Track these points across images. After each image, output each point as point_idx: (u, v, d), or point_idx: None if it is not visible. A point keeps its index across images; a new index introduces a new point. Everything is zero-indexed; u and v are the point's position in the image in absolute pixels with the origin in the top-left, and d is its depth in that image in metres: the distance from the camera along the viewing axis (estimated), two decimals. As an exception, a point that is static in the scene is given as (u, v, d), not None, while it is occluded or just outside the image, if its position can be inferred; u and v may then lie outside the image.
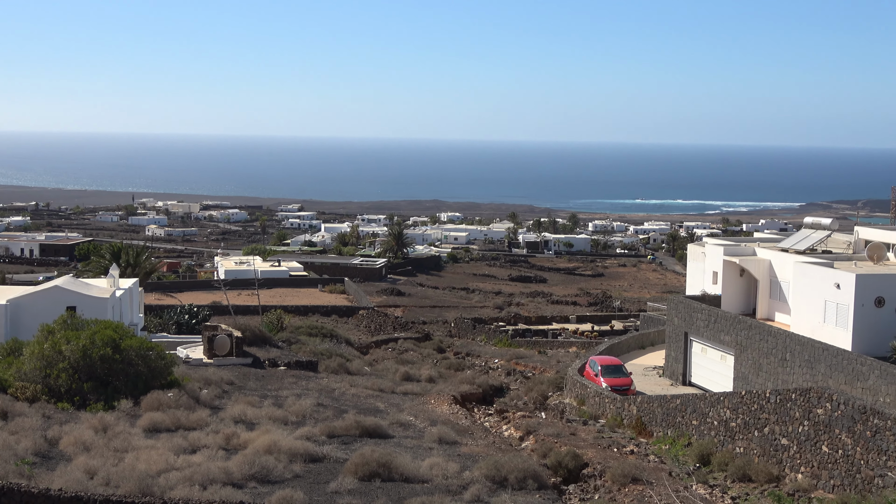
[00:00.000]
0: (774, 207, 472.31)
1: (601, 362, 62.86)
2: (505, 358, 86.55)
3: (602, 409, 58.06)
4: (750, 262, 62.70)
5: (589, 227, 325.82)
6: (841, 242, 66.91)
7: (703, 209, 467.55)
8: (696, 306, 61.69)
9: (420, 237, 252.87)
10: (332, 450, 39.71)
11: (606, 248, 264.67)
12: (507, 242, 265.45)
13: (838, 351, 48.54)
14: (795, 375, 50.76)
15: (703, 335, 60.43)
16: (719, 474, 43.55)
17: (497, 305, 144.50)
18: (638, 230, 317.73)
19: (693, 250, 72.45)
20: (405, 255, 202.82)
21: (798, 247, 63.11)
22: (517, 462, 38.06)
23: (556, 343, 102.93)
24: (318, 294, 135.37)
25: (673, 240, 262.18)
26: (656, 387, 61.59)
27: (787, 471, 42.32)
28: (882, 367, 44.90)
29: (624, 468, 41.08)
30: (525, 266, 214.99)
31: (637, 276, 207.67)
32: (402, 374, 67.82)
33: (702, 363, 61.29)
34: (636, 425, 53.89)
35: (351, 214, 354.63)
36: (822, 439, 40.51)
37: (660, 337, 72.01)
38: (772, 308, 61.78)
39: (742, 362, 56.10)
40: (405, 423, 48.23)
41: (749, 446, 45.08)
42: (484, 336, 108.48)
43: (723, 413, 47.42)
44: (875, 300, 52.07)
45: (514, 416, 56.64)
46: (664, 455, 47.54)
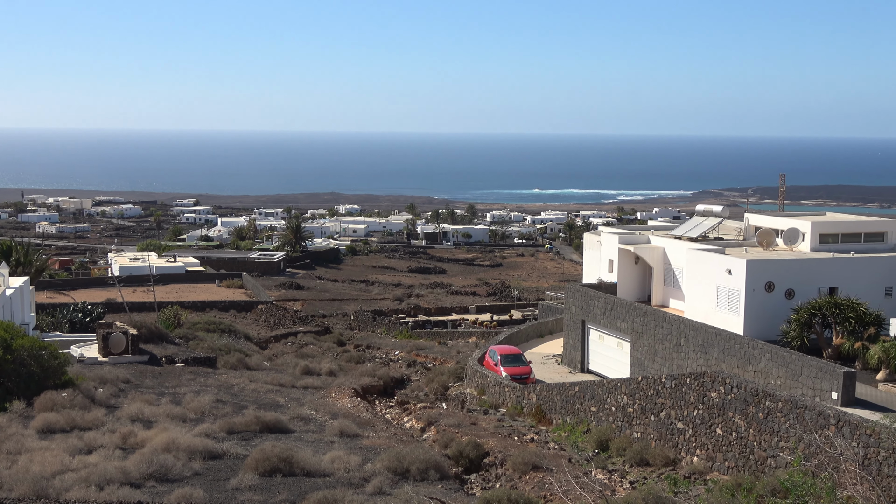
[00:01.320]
0: (668, 196, 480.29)
1: (501, 352, 63.27)
2: (405, 350, 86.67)
3: (502, 399, 58.48)
4: (644, 249, 63.71)
5: (487, 218, 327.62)
6: (732, 229, 68.36)
7: (598, 198, 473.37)
8: (593, 294, 62.47)
9: (318, 230, 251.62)
10: (232, 446, 39.32)
11: (505, 238, 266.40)
12: (406, 234, 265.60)
13: (731, 335, 49.60)
14: (690, 360, 51.76)
15: (600, 323, 61.24)
16: (618, 459, 44.22)
17: (397, 297, 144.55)
18: (535, 220, 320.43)
19: (589, 239, 73.33)
20: (304, 248, 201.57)
21: (690, 234, 64.31)
22: (419, 453, 38.12)
23: (457, 334, 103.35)
24: (215, 289, 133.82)
25: (570, 229, 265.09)
26: (555, 375, 62.24)
27: (684, 454, 43.17)
28: (773, 351, 46.02)
29: (524, 456, 41.46)
30: (424, 257, 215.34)
31: (535, 265, 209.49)
32: (302, 368, 67.43)
33: (599, 350, 62.11)
34: (536, 413, 54.42)
35: (248, 208, 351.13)
36: (717, 422, 41.40)
37: (558, 325, 72.79)
38: (666, 294, 62.88)
39: (638, 348, 57.00)
40: (306, 417, 47.97)
41: (646, 431, 45.86)
42: (384, 328, 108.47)
43: (620, 399, 48.16)
44: (765, 285, 53.34)
45: (416, 407, 56.76)
46: (564, 442, 48.10)
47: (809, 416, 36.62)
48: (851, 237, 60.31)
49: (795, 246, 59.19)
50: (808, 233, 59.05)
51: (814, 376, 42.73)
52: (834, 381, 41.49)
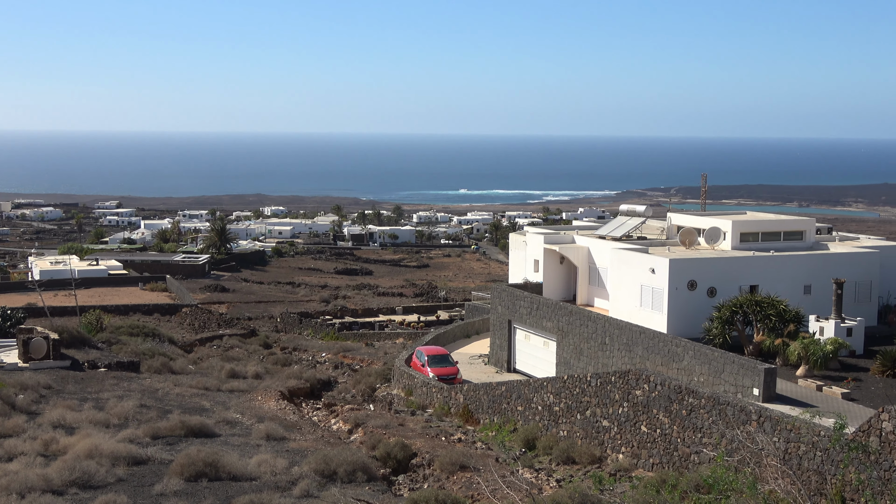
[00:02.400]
0: (593, 196, 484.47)
1: (428, 352, 63.33)
2: (332, 351, 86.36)
3: (430, 399, 58.55)
4: (569, 249, 64.19)
5: (413, 219, 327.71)
6: (655, 229, 69.17)
7: (524, 199, 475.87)
8: (519, 294, 62.79)
9: (244, 232, 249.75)
10: (157, 451, 38.91)
11: (431, 238, 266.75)
12: (333, 235, 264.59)
13: (654, 333, 50.18)
14: (615, 359, 52.27)
15: (527, 322, 61.58)
16: (544, 458, 44.52)
17: (323, 299, 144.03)
18: (462, 221, 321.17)
19: (515, 239, 73.68)
20: (229, 250, 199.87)
21: (615, 234, 64.93)
22: (346, 455, 38.07)
23: (384, 335, 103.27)
24: (139, 293, 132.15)
25: (496, 229, 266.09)
26: (482, 375, 62.43)
27: (609, 451, 43.61)
28: (696, 348, 46.65)
29: (452, 456, 41.57)
30: (351, 259, 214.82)
31: (462, 265, 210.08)
32: (227, 371, 66.88)
33: (526, 350, 62.42)
34: (463, 413, 54.57)
35: (172, 210, 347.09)
36: (641, 419, 41.89)
37: (485, 325, 73.04)
38: (591, 294, 63.43)
39: (564, 348, 57.41)
40: (232, 420, 47.64)
41: (572, 429, 46.24)
42: (311, 330, 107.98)
43: (546, 398, 48.49)
44: (688, 283, 54.06)
45: (343, 409, 56.60)
46: (491, 441, 48.28)
47: (732, 413, 37.20)
48: (771, 236, 61.37)
49: (717, 245, 60.07)
50: (729, 232, 59.95)
51: (736, 373, 43.41)
52: (755, 377, 42.18)
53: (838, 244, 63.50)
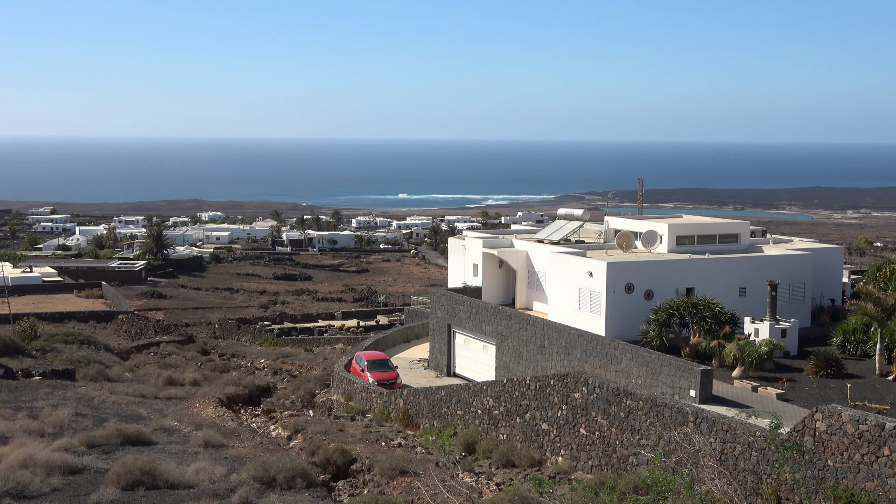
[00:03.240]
0: (532, 200, 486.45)
1: (367, 357, 63.23)
2: (271, 357, 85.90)
3: (369, 404, 58.43)
4: (508, 253, 64.43)
5: (353, 224, 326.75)
6: (593, 232, 69.65)
7: (463, 203, 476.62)
8: (458, 298, 62.89)
9: (181, 238, 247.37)
10: (93, 460, 38.35)
11: (370, 243, 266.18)
12: (271, 241, 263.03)
13: (593, 336, 50.52)
14: (554, 362, 52.54)
15: (466, 326, 61.69)
16: (484, 461, 44.61)
17: (262, 305, 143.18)
18: (401, 225, 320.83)
19: (454, 244, 73.79)
20: (166, 256, 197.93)
21: (553, 237, 65.28)
22: (285, 461, 37.83)
23: (323, 340, 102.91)
24: (74, 300, 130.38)
25: (435, 234, 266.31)
26: (422, 379, 62.44)
27: (549, 454, 43.81)
28: (633, 351, 47.05)
29: (392, 461, 41.50)
30: (290, 264, 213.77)
31: (401, 270, 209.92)
32: (164, 378, 66.21)
33: (465, 354, 62.54)
34: (403, 418, 54.53)
35: (107, 216, 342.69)
36: (580, 422, 42.14)
37: (424, 330, 73.07)
38: (530, 297, 63.70)
39: (503, 351, 57.59)
40: (169, 428, 47.12)
41: (512, 433, 46.39)
42: (249, 336, 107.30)
43: (486, 402, 48.61)
44: (625, 286, 54.52)
45: (282, 415, 56.28)
46: (431, 446, 48.29)
47: (669, 414, 37.55)
48: (707, 239, 62.08)
49: (654, 248, 60.63)
50: (665, 235, 60.56)
51: (673, 375, 43.83)
52: (692, 378, 42.63)
53: (772, 246, 64.43)
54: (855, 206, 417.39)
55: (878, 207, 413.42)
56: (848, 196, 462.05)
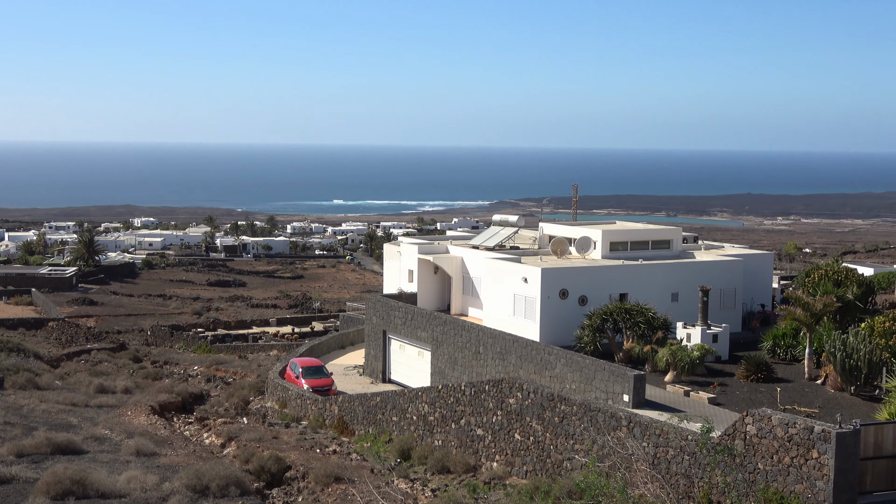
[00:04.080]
0: (467, 206, 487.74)
1: (302, 364, 62.94)
2: (205, 364, 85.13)
3: (304, 411, 58.15)
4: (443, 259, 64.53)
5: (288, 230, 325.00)
6: (528, 238, 70.01)
7: (399, 209, 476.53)
8: (394, 304, 62.84)
9: (113, 244, 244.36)
10: (22, 470, 37.77)
11: (305, 249, 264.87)
12: (205, 247, 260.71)
13: (527, 342, 50.75)
14: (489, 367, 52.68)
15: (401, 332, 61.65)
16: (420, 468, 44.60)
17: (196, 311, 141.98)
18: (337, 231, 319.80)
19: (389, 250, 73.75)
20: (97, 262, 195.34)
21: (488, 243, 65.50)
22: (219, 469, 37.55)
23: (257, 347, 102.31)
24: (2, 306, 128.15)
25: (370, 240, 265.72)
26: (357, 385, 62.28)
27: (484, 460, 43.91)
28: (567, 356, 47.35)
29: (327, 468, 41.37)
30: (224, 270, 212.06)
31: (336, 276, 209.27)
32: (96, 386, 65.35)
33: (401, 360, 62.49)
34: (338, 425, 54.34)
35: (37, 222, 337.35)
36: (515, 427, 42.29)
37: (359, 336, 72.87)
38: (465, 303, 63.84)
39: (438, 357, 57.64)
40: (100, 437, 46.55)
41: (447, 439, 46.43)
42: (182, 343, 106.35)
43: (421, 408, 48.61)
44: (560, 292, 54.85)
45: (216, 423, 55.84)
46: (366, 452, 48.19)
47: (603, 419, 37.83)
48: (640, 245, 62.68)
49: (587, 254, 61.09)
50: (599, 241, 61.04)
51: (606, 380, 44.17)
52: (625, 383, 42.98)
53: (704, 252, 65.23)
54: (785, 213, 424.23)
55: (807, 214, 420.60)
56: (778, 203, 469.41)
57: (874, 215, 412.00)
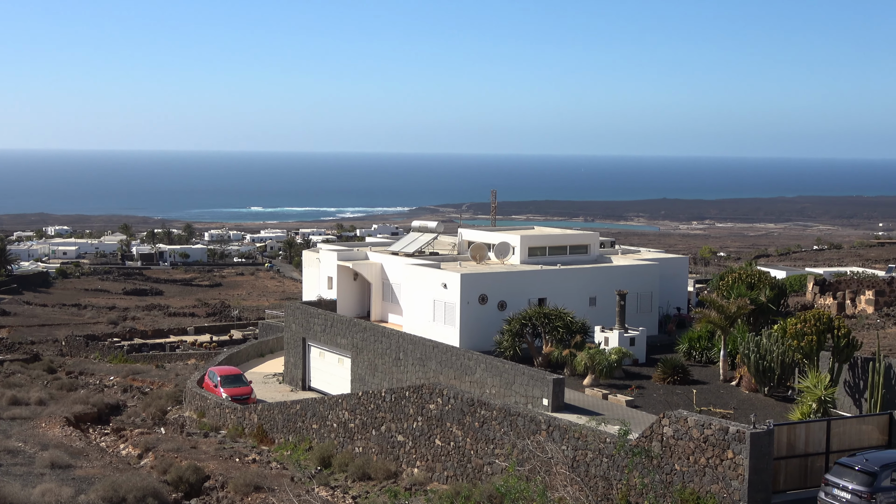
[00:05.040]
0: (387, 212, 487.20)
1: (220, 373, 62.40)
2: (121, 374, 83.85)
3: (223, 420, 57.62)
4: (363, 266, 64.41)
5: (205, 237, 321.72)
6: (447, 244, 70.20)
7: (318, 216, 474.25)
8: (313, 311, 62.59)
9: (26, 253, 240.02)
10: (-69, 485, 36.89)
11: (224, 257, 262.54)
12: (121, 255, 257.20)
13: (447, 347, 50.89)
14: (409, 373, 52.71)
15: (321, 340, 61.41)
16: (340, 475, 44.47)
17: (111, 321, 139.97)
18: (255, 238, 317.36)
19: (308, 256, 73.43)
20: (9, 272, 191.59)
21: (407, 249, 65.55)
22: (135, 481, 37.09)
23: (175, 356, 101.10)
24: None
25: (290, 247, 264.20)
26: (277, 394, 61.88)
27: (405, 466, 43.91)
28: (487, 361, 47.56)
29: (246, 477, 41.07)
30: (140, 279, 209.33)
31: (255, 284, 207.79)
32: (8, 398, 63.99)
33: (321, 367, 62.24)
34: (258, 433, 53.94)
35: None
36: (436, 433, 42.36)
37: (279, 344, 72.44)
38: (385, 310, 63.79)
39: (359, 364, 57.52)
40: (13, 449, 45.65)
41: (368, 445, 46.35)
42: (98, 353, 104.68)
43: (342, 415, 48.46)
44: (479, 297, 55.10)
45: (132, 433, 55.06)
46: (286, 461, 47.91)
47: (522, 423, 38.06)
48: (558, 250, 63.23)
49: (506, 259, 61.45)
50: (517, 246, 61.45)
51: (526, 384, 44.46)
52: (544, 387, 43.31)
53: (621, 257, 65.99)
54: (700, 218, 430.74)
55: (721, 218, 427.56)
56: (693, 208, 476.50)
57: (786, 219, 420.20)
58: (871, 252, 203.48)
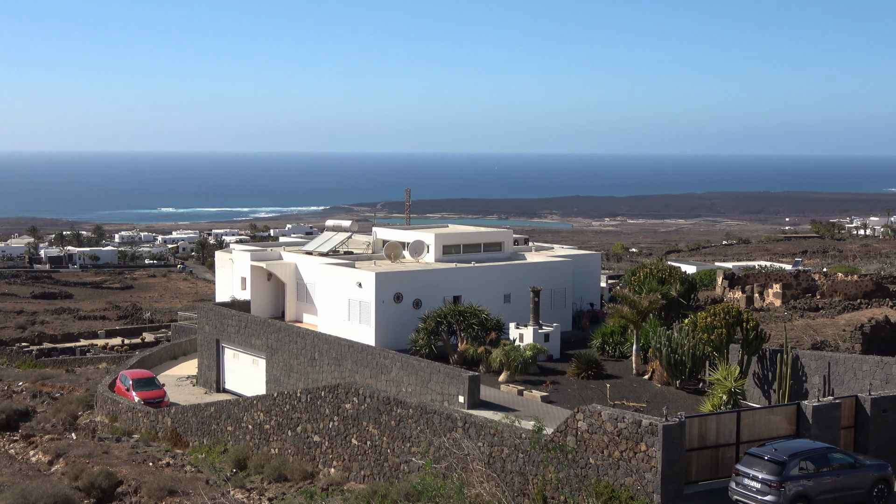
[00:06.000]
0: (301, 212, 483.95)
1: (132, 376, 61.55)
2: (30, 380, 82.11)
3: (136, 424, 56.83)
4: (277, 266, 63.99)
5: (116, 239, 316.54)
6: (361, 243, 70.06)
7: (231, 216, 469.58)
8: (227, 313, 62.02)
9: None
10: None
11: (135, 259, 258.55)
12: (28, 258, 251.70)
13: (363, 347, 50.80)
14: (325, 373, 52.50)
15: (235, 341, 60.88)
16: (256, 477, 44.15)
17: (19, 325, 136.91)
18: (167, 240, 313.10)
19: (221, 257, 72.74)
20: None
21: (321, 249, 65.27)
22: (46, 488, 36.42)
23: (86, 360, 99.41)
24: None
25: (202, 248, 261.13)
26: (191, 396, 61.20)
27: (321, 466, 43.75)
28: (403, 359, 47.58)
29: (160, 482, 40.57)
30: (49, 282, 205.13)
31: (168, 286, 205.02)
32: None
33: (235, 369, 61.70)
34: (171, 437, 53.30)
35: None
36: (352, 433, 42.27)
37: (192, 346, 71.64)
38: (300, 310, 63.45)
39: (273, 365, 57.15)
40: (-83, 459, 44.48)
41: (284, 446, 46.08)
42: (5, 358, 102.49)
43: (257, 416, 48.11)
44: (394, 296, 55.10)
45: (42, 440, 54.00)
46: (201, 464, 47.41)
47: (439, 421, 38.16)
48: (472, 248, 63.47)
49: (421, 257, 61.51)
50: (432, 244, 61.55)
51: (442, 382, 44.57)
52: (460, 385, 43.46)
53: (534, 254, 66.48)
54: (612, 214, 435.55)
55: (632, 215, 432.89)
56: (605, 205, 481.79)
57: (696, 215, 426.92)
58: (779, 246, 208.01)
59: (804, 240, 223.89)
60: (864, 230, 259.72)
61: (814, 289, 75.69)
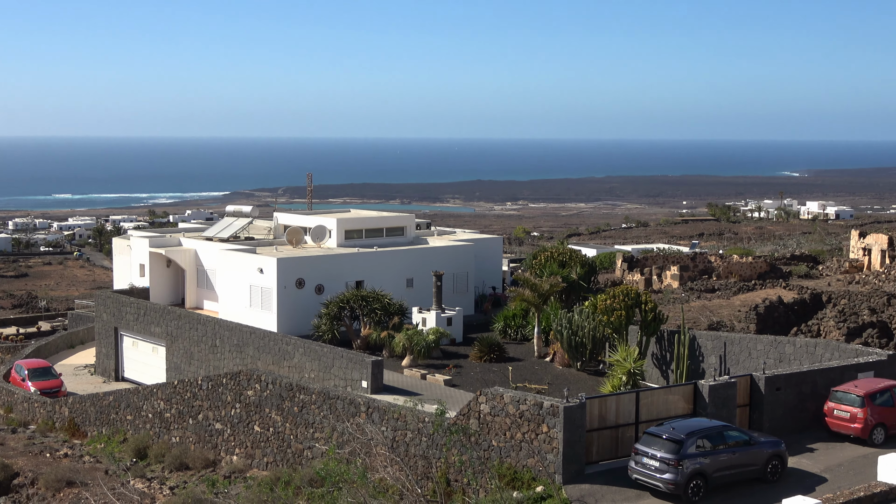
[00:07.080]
0: (201, 198, 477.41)
1: (28, 366, 60.33)
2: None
3: (32, 415, 55.74)
4: (176, 252, 63.17)
5: (10, 226, 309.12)
6: (263, 229, 69.49)
7: (129, 202, 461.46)
8: (125, 300, 61.07)
9: None
10: None
11: (30, 246, 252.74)
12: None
13: (265, 333, 50.47)
14: (227, 360, 52.04)
15: (134, 329, 60.00)
16: (157, 466, 43.65)
17: None
18: (62, 226, 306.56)
19: (118, 244, 71.57)
20: None
21: (222, 235, 64.60)
22: (-62, 481, 35.50)
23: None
24: None
25: (100, 234, 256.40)
26: (89, 385, 60.19)
27: (223, 454, 43.41)
28: (306, 345, 47.40)
29: (57, 473, 39.90)
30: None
31: (64, 273, 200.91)
32: None
33: (134, 357, 60.83)
34: (69, 427, 52.41)
35: None
36: (254, 420, 42.01)
37: (90, 334, 70.39)
38: (200, 296, 62.76)
39: (174, 352, 56.47)
40: None
41: (185, 435, 45.61)
42: None
43: (157, 405, 47.53)
44: (296, 282, 54.81)
45: (-66, 432, 52.65)
46: (100, 454, 46.72)
47: (342, 406, 38.12)
48: (374, 232, 63.40)
49: (323, 243, 61.26)
50: (334, 229, 61.34)
51: (345, 367, 44.51)
52: (363, 370, 43.46)
53: (437, 238, 66.70)
54: (513, 199, 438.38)
55: (534, 199, 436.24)
56: (507, 189, 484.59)
57: (596, 199, 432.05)
58: (676, 229, 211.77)
59: (701, 222, 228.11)
60: (758, 213, 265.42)
61: (710, 270, 77.22)
